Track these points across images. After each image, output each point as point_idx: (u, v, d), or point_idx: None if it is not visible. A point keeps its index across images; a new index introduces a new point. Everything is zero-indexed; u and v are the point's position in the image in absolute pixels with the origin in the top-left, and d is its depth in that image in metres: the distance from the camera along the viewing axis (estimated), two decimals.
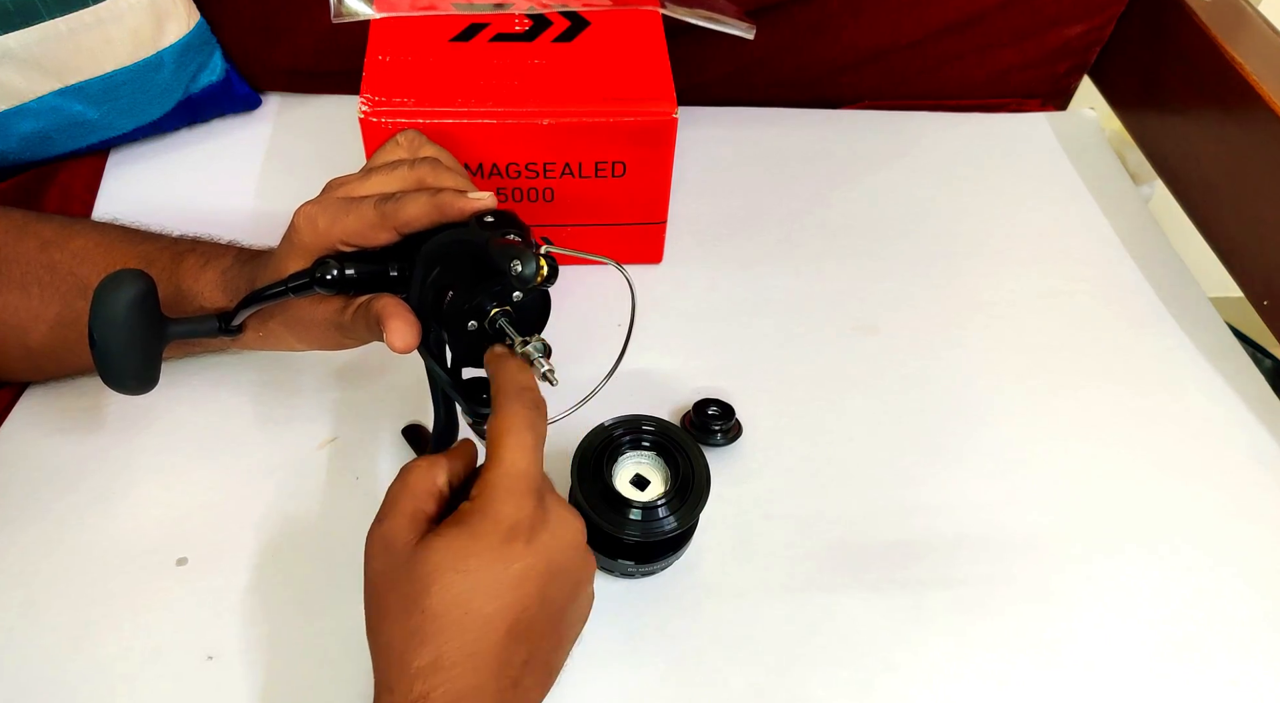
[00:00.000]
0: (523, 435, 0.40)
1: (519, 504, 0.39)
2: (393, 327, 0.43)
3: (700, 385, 0.62)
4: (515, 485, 0.39)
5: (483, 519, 0.38)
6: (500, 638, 0.38)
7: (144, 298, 0.45)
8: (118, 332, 0.45)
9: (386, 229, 0.46)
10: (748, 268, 0.71)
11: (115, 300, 0.44)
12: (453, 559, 0.38)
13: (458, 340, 0.46)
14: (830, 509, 0.57)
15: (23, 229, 0.55)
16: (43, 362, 0.56)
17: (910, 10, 0.80)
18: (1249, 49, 0.70)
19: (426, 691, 0.36)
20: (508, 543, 0.38)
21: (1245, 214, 0.71)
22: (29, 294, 0.53)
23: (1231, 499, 0.59)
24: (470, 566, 0.37)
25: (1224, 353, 0.68)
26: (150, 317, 0.46)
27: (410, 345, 0.43)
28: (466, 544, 0.38)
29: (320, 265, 0.46)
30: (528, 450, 0.40)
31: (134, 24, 0.67)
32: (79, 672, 0.48)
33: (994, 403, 0.63)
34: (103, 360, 0.45)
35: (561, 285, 0.47)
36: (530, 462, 0.40)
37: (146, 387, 0.48)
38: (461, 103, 0.59)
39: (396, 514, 0.40)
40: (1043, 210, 0.78)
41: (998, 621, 0.53)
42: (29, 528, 0.53)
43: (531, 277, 0.42)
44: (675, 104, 0.60)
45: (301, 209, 0.47)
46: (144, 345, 0.46)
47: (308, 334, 0.50)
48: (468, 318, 0.45)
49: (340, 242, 0.46)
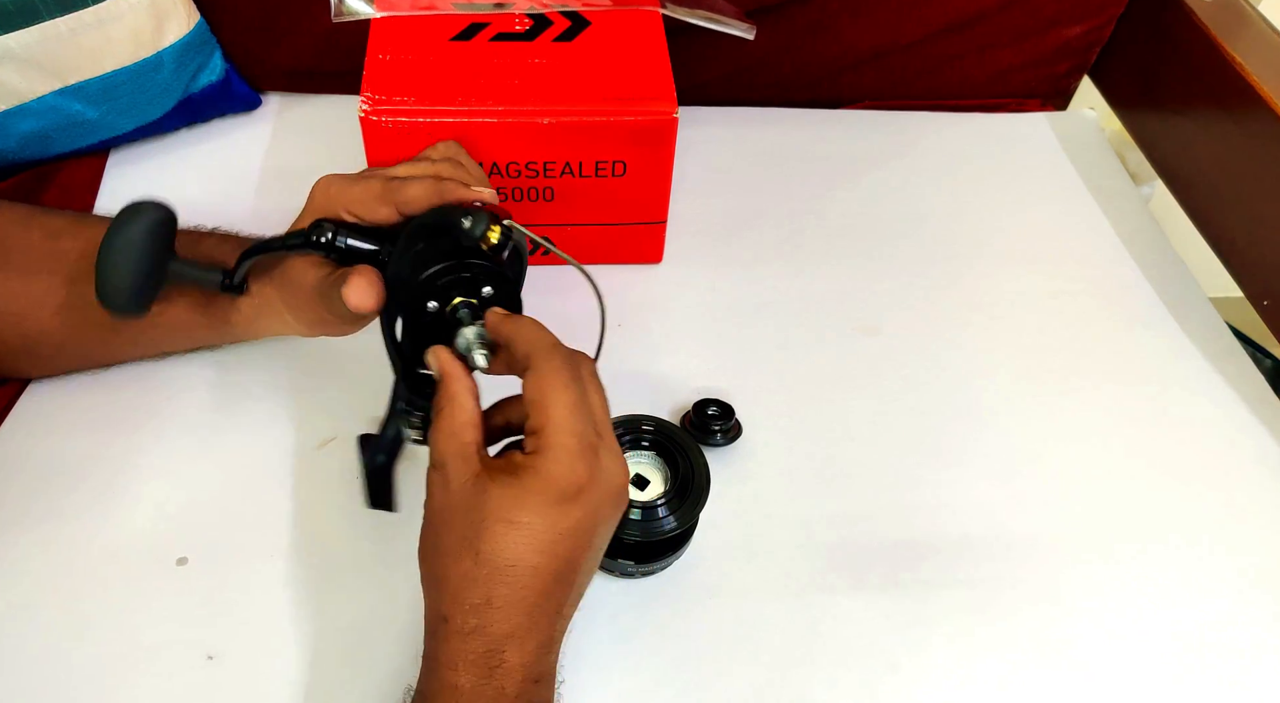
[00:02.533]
0: (569, 392, 0.40)
1: (572, 466, 0.39)
2: (353, 282, 0.44)
3: (700, 385, 0.62)
4: (568, 444, 0.39)
5: (535, 477, 0.39)
6: (547, 584, 0.40)
7: (160, 225, 0.48)
8: (126, 246, 0.47)
9: (387, 204, 0.47)
10: (748, 268, 0.71)
11: (134, 218, 0.47)
12: (506, 511, 0.39)
13: (416, 318, 0.45)
14: (830, 510, 0.57)
15: (28, 220, 0.56)
16: (42, 352, 0.56)
17: (910, 10, 0.80)
18: (1249, 49, 0.70)
19: (481, 625, 0.39)
20: (560, 503, 0.39)
21: (1245, 214, 0.71)
22: (31, 281, 0.53)
23: (1231, 499, 0.59)
24: (522, 519, 0.39)
25: (1224, 353, 0.68)
26: (160, 244, 0.48)
27: (364, 304, 0.44)
28: (520, 497, 0.39)
29: (316, 226, 0.47)
30: (575, 408, 0.40)
31: (134, 24, 0.67)
32: (79, 671, 0.48)
33: (994, 403, 0.63)
34: (101, 271, 0.47)
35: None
36: (580, 419, 0.40)
37: (134, 310, 0.48)
38: (462, 102, 0.59)
39: (448, 459, 0.41)
40: (1043, 210, 0.78)
41: (999, 621, 0.53)
42: (29, 527, 0.53)
43: (476, 236, 0.42)
44: (675, 104, 0.60)
45: (322, 177, 0.49)
46: (146, 269, 0.47)
47: (295, 301, 0.50)
48: (430, 298, 0.45)
49: (345, 209, 0.48)
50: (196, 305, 0.54)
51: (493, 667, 0.39)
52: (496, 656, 0.39)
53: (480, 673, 0.39)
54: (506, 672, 0.39)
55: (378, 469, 0.48)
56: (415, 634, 0.49)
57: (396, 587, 0.52)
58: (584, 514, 0.40)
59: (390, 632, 0.50)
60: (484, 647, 0.39)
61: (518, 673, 0.39)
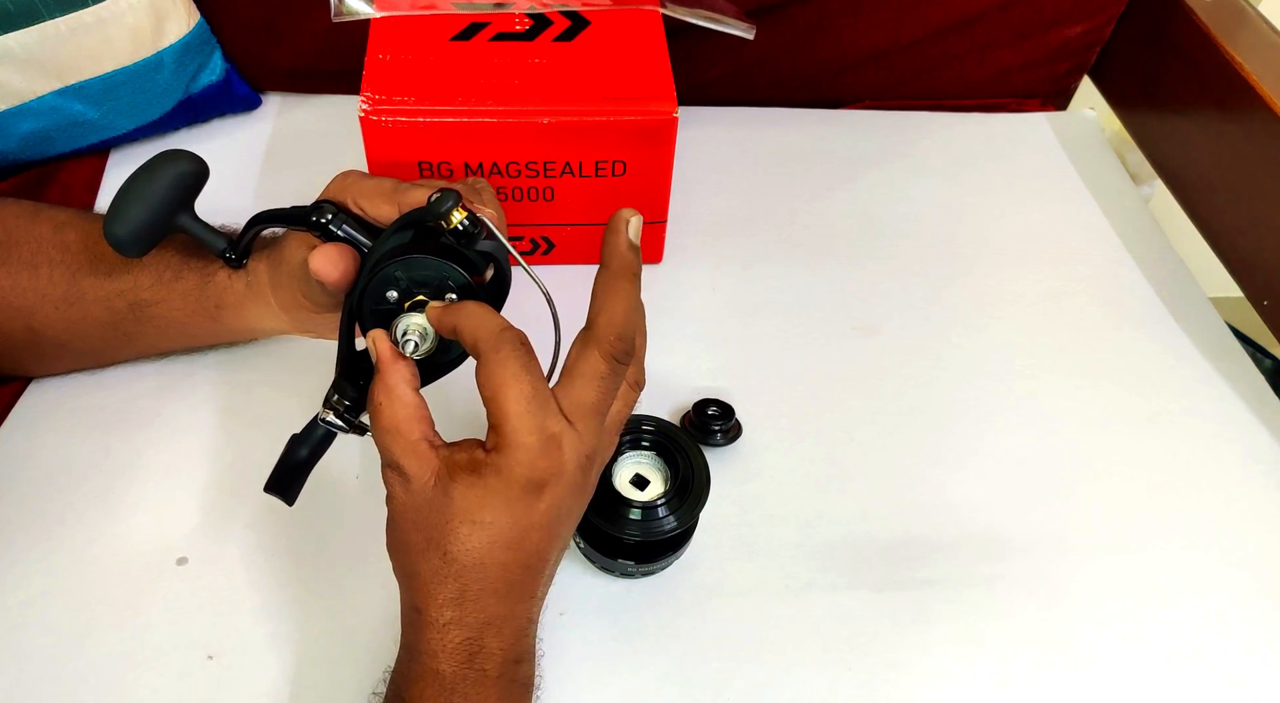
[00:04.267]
0: (521, 385, 0.38)
1: (533, 464, 0.39)
2: (322, 249, 0.44)
3: (700, 385, 0.62)
4: (528, 442, 0.38)
5: (498, 476, 0.39)
6: (517, 575, 0.40)
7: (188, 176, 0.49)
8: (148, 183, 0.48)
9: (391, 202, 0.47)
10: (748, 268, 0.71)
11: (167, 162, 0.48)
12: (471, 512, 0.39)
13: (375, 306, 0.43)
14: (831, 509, 0.57)
15: (35, 214, 0.56)
16: (45, 347, 0.56)
17: (910, 10, 0.80)
18: (1249, 49, 0.70)
19: (456, 617, 0.40)
20: (523, 498, 0.39)
21: (1245, 214, 0.71)
22: (39, 274, 0.54)
23: (1231, 499, 0.59)
24: (487, 518, 0.39)
25: (1224, 353, 0.68)
26: (180, 191, 0.49)
27: (325, 274, 0.44)
28: (483, 497, 0.39)
29: (317, 206, 0.47)
30: (530, 400, 0.38)
31: (134, 24, 0.67)
32: (79, 672, 0.48)
33: (994, 403, 0.63)
34: (117, 201, 0.48)
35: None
36: (536, 410, 0.39)
37: (132, 247, 0.48)
38: (462, 102, 0.59)
39: (401, 458, 0.40)
40: (1043, 210, 0.78)
41: (998, 621, 0.53)
42: (29, 528, 0.53)
43: (438, 212, 0.41)
44: (675, 103, 0.60)
45: (345, 170, 0.50)
46: (159, 210, 0.48)
47: (279, 279, 0.51)
48: (391, 287, 0.43)
49: (352, 200, 0.48)
50: (191, 290, 0.54)
51: (472, 653, 0.40)
52: (475, 643, 0.40)
53: (461, 660, 0.40)
54: (487, 656, 0.40)
55: (295, 463, 0.47)
56: None
57: (396, 587, 0.52)
58: (548, 507, 0.40)
59: (391, 632, 0.50)
60: (461, 636, 0.40)
61: (497, 656, 0.40)
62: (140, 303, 0.54)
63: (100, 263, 0.54)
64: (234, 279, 0.53)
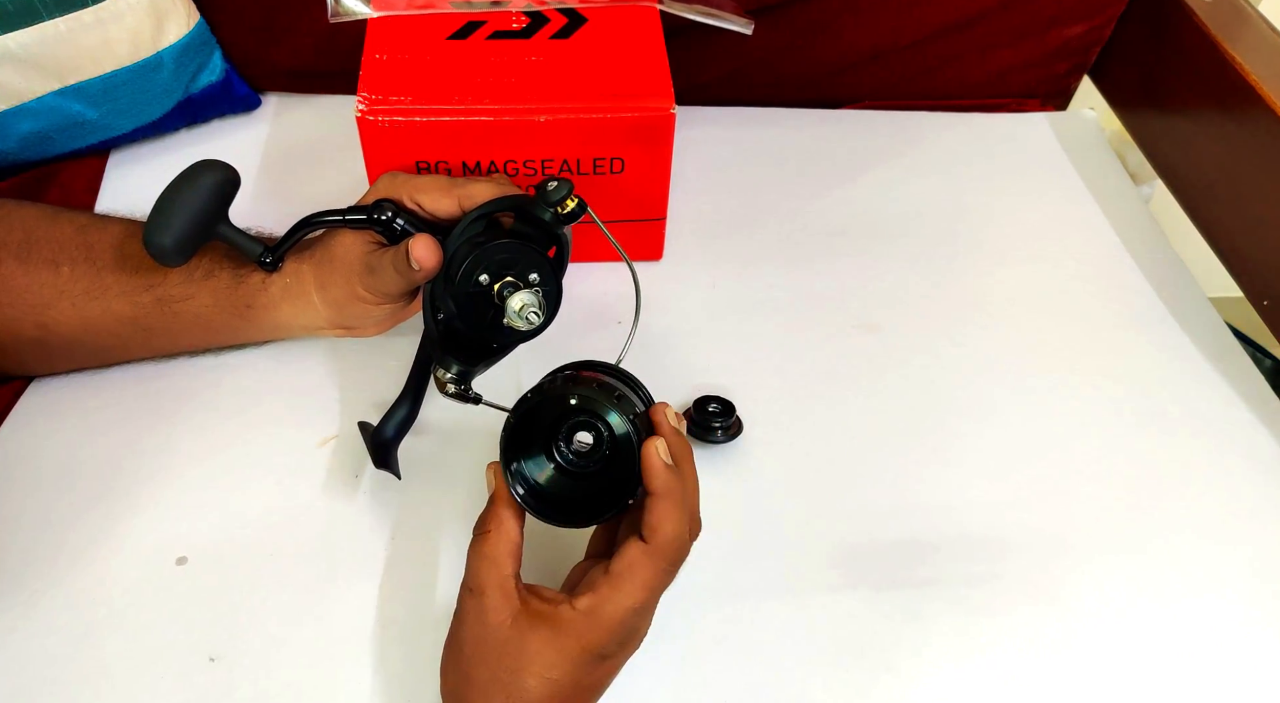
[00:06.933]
0: (645, 575, 0.41)
1: (620, 639, 0.42)
2: (419, 239, 0.47)
3: (700, 383, 0.62)
4: (623, 620, 0.41)
5: (577, 641, 0.41)
6: None
7: (225, 184, 0.51)
8: (191, 194, 0.50)
9: (450, 196, 0.50)
10: (749, 266, 0.71)
11: (204, 172, 0.51)
12: (543, 668, 0.40)
13: (467, 286, 0.48)
14: (831, 508, 0.57)
15: (55, 215, 0.57)
16: (53, 345, 0.56)
17: (910, 10, 0.80)
18: (1249, 49, 0.70)
19: None
20: (590, 664, 0.41)
21: (1245, 214, 0.71)
22: (59, 272, 0.54)
23: (1231, 499, 0.59)
24: (555, 676, 0.40)
25: (1224, 353, 0.68)
26: (218, 201, 0.51)
27: (428, 260, 0.47)
28: (558, 658, 0.41)
29: (377, 205, 0.50)
30: (644, 590, 0.41)
31: (134, 24, 0.67)
32: (80, 672, 0.48)
33: (994, 402, 0.63)
34: (160, 212, 0.50)
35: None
36: (643, 600, 0.41)
37: (177, 257, 0.50)
38: (459, 101, 0.59)
39: (488, 589, 0.42)
40: (1043, 210, 0.78)
41: (998, 620, 0.53)
42: (29, 528, 0.53)
43: (555, 199, 0.48)
44: (673, 100, 0.60)
45: (387, 172, 0.53)
46: (200, 221, 0.50)
47: (331, 276, 0.53)
48: (483, 272, 0.48)
49: (409, 196, 0.51)
50: (222, 288, 0.55)
51: None
52: None
53: None
54: None
55: (383, 442, 0.52)
56: (416, 635, 0.50)
57: (397, 587, 0.52)
58: (605, 673, 0.43)
59: (391, 632, 0.50)
60: None
61: None
62: (167, 298, 0.55)
63: (128, 260, 0.54)
64: (269, 281, 0.54)
